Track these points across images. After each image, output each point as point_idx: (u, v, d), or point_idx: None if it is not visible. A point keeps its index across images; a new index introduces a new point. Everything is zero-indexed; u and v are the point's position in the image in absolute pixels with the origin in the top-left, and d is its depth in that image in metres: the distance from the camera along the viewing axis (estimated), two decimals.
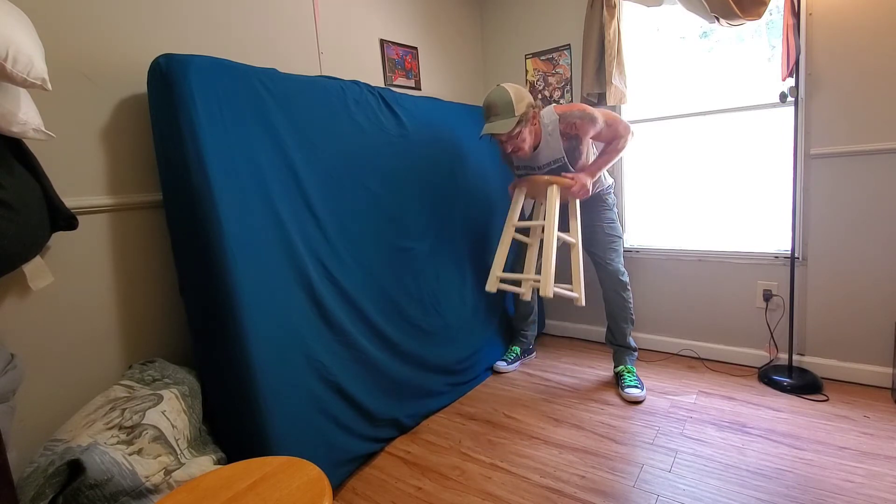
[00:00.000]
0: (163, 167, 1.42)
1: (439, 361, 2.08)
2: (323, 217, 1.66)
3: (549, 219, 1.90)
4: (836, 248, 2.05)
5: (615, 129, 1.97)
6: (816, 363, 2.14)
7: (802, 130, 2.04)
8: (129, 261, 1.46)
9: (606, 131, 1.97)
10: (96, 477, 1.03)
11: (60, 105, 1.30)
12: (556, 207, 1.91)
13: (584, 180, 1.95)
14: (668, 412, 1.93)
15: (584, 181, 1.94)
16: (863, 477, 1.48)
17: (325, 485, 0.92)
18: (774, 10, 2.10)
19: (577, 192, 1.96)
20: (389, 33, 2.38)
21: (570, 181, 1.93)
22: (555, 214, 1.90)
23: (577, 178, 1.94)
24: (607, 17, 2.31)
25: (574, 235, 2.05)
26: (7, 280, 1.19)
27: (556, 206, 1.90)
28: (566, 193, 1.99)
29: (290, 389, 1.46)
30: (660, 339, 2.57)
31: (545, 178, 1.96)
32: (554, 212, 1.90)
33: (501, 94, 1.84)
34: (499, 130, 1.83)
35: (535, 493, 1.51)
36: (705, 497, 1.44)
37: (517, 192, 2.08)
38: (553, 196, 1.92)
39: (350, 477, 1.64)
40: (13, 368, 1.10)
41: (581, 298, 2.00)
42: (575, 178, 1.94)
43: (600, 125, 1.95)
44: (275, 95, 1.56)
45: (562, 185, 1.94)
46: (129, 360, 1.45)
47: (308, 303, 1.57)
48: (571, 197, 2.02)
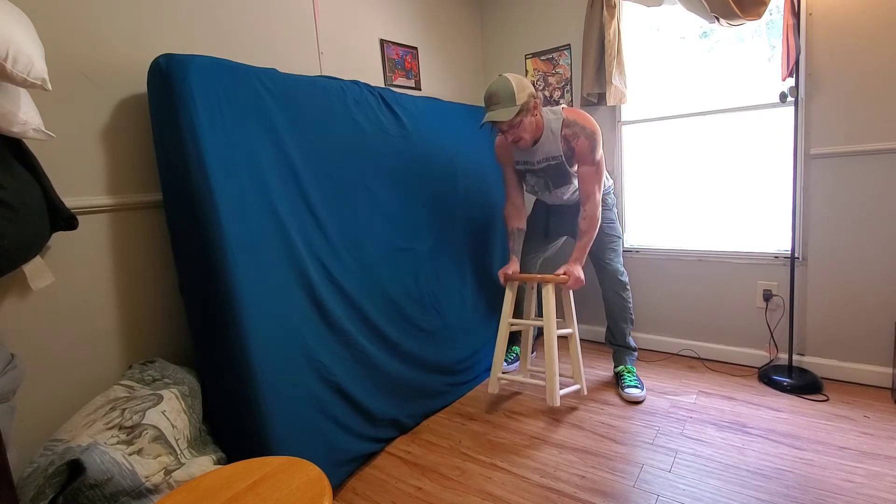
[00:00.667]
0: (163, 167, 1.42)
1: (439, 361, 2.08)
2: (323, 217, 1.66)
3: (548, 320, 1.90)
4: (836, 248, 2.05)
5: (599, 176, 1.94)
6: (816, 363, 2.14)
7: (802, 130, 2.04)
8: (129, 261, 1.46)
9: (591, 171, 1.92)
10: (96, 477, 1.03)
11: (60, 105, 1.30)
12: (553, 306, 1.91)
13: (577, 273, 1.93)
14: (668, 412, 1.93)
15: (577, 274, 1.93)
16: (863, 477, 1.48)
17: (325, 485, 0.92)
18: (774, 10, 2.10)
19: (573, 286, 1.96)
20: (389, 33, 2.38)
21: (563, 278, 1.93)
22: (552, 314, 1.90)
23: (569, 272, 1.93)
24: (607, 17, 2.31)
25: (570, 323, 2.05)
26: (7, 280, 1.20)
27: (552, 305, 1.91)
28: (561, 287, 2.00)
29: (290, 389, 1.46)
30: (660, 339, 2.57)
31: (538, 277, 1.98)
32: (551, 310, 1.90)
33: (503, 83, 1.84)
34: (500, 118, 1.82)
35: (535, 493, 1.51)
36: (705, 497, 1.44)
37: (509, 286, 2.08)
38: (549, 295, 1.92)
39: (350, 477, 1.64)
40: (13, 368, 1.10)
41: (583, 389, 2.03)
42: (567, 273, 1.93)
43: (596, 159, 1.91)
44: (275, 95, 1.56)
45: (556, 283, 1.94)
46: (129, 360, 1.45)
47: (308, 303, 1.57)
48: (566, 290, 2.03)
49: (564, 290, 2.03)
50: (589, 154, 1.90)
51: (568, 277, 1.93)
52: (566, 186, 2.05)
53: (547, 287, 1.93)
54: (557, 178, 2.02)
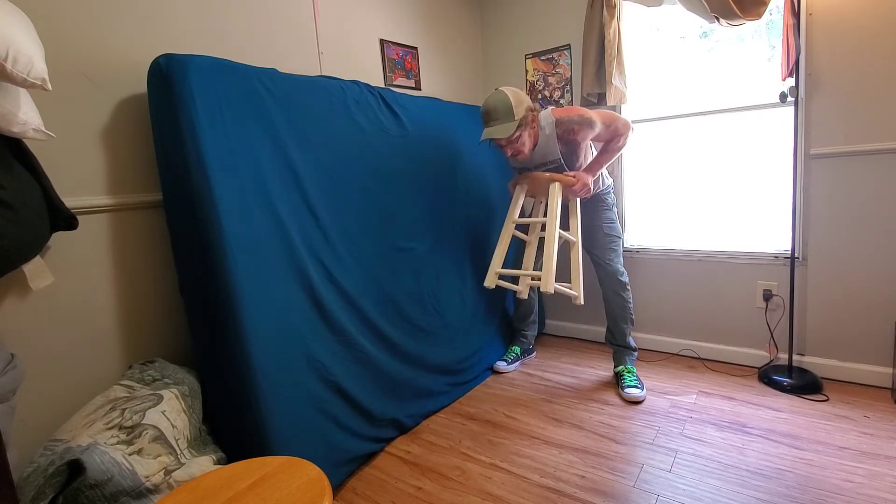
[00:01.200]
0: (163, 167, 1.42)
1: (439, 361, 2.08)
2: (323, 217, 1.66)
3: (551, 216, 1.90)
4: (836, 248, 2.05)
5: (614, 128, 1.97)
6: (816, 363, 2.14)
7: (802, 130, 2.04)
8: (129, 261, 1.46)
9: (605, 132, 1.97)
10: (96, 477, 1.03)
11: (60, 105, 1.30)
12: (558, 205, 1.91)
13: (586, 178, 1.95)
14: (668, 412, 1.93)
15: (586, 179, 1.95)
16: (863, 477, 1.48)
17: (325, 485, 0.92)
18: (774, 10, 2.10)
19: (579, 190, 1.96)
20: (389, 33, 2.38)
21: (572, 179, 1.94)
22: (556, 212, 1.90)
23: (578, 175, 1.95)
24: (607, 17, 2.31)
25: (574, 234, 2.05)
26: (7, 280, 1.19)
27: (558, 204, 1.91)
28: (568, 191, 1.99)
29: (290, 389, 1.46)
30: (660, 339, 2.57)
31: (547, 175, 1.96)
32: (556, 209, 1.90)
33: (500, 98, 1.84)
34: (499, 135, 1.83)
35: (535, 493, 1.51)
36: (705, 497, 1.44)
37: (518, 189, 2.08)
38: (555, 193, 1.92)
39: (350, 477, 1.64)
40: (13, 368, 1.10)
41: (580, 297, 2.00)
42: (577, 176, 1.94)
43: (598, 128, 1.95)
44: (275, 95, 1.56)
45: (564, 183, 1.94)
46: (129, 360, 1.45)
47: (308, 303, 1.57)
48: (573, 195, 2.02)
49: (571, 198, 2.03)
50: (591, 130, 1.94)
51: (577, 180, 1.94)
52: None
53: (554, 186, 1.93)
54: None
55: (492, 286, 2.06)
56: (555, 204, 1.90)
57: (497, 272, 2.04)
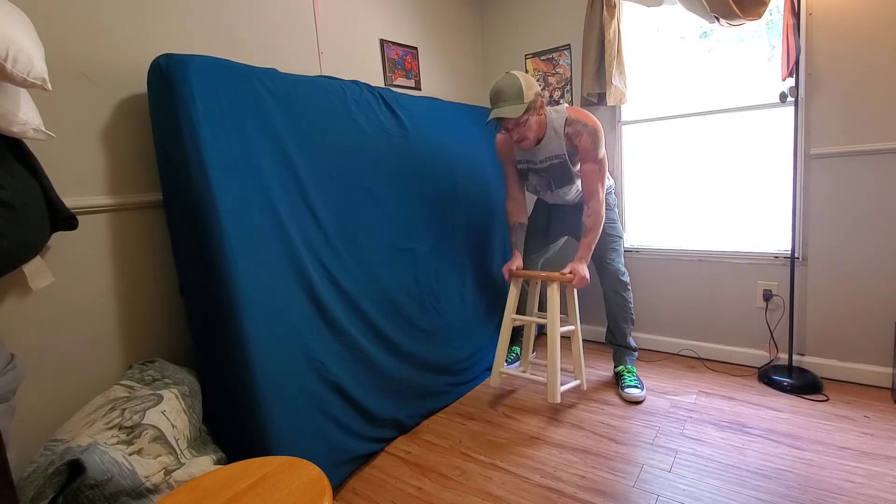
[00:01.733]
0: (163, 167, 1.42)
1: (439, 361, 2.08)
2: (323, 217, 1.66)
3: (552, 318, 1.90)
4: (836, 248, 2.05)
5: (602, 174, 1.94)
6: (816, 363, 2.14)
7: (802, 130, 2.04)
8: (129, 261, 1.46)
9: (594, 168, 1.92)
10: (96, 477, 1.03)
11: (60, 105, 1.30)
12: (558, 305, 1.92)
13: (582, 272, 1.93)
14: (668, 412, 1.93)
15: (583, 273, 1.93)
16: (863, 477, 1.48)
17: (325, 485, 0.92)
18: (774, 10, 2.10)
19: (578, 285, 1.95)
20: (389, 33, 2.38)
21: (569, 277, 1.92)
22: (557, 313, 1.91)
23: (574, 271, 1.93)
24: (607, 17, 2.31)
25: (573, 321, 2.05)
26: (7, 280, 1.19)
27: (557, 305, 1.92)
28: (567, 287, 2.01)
29: (290, 389, 1.46)
30: (660, 339, 2.57)
31: (543, 274, 1.98)
32: (555, 309, 1.91)
33: (511, 80, 1.83)
34: (507, 115, 1.81)
35: (535, 493, 1.51)
36: (705, 497, 1.44)
37: (513, 283, 2.09)
38: (554, 294, 1.92)
39: (350, 477, 1.64)
40: (13, 368, 1.10)
41: (583, 384, 2.05)
42: (573, 272, 1.93)
43: (599, 157, 1.91)
44: (275, 95, 1.56)
45: (562, 281, 1.94)
46: (129, 360, 1.45)
47: (308, 303, 1.57)
48: (571, 289, 2.03)
49: (569, 288, 2.03)
50: (592, 151, 1.90)
51: (574, 276, 1.93)
52: (568, 186, 2.04)
53: (552, 286, 1.93)
54: (560, 178, 2.02)
55: (498, 385, 2.13)
56: (554, 304, 1.91)
57: (501, 371, 2.06)
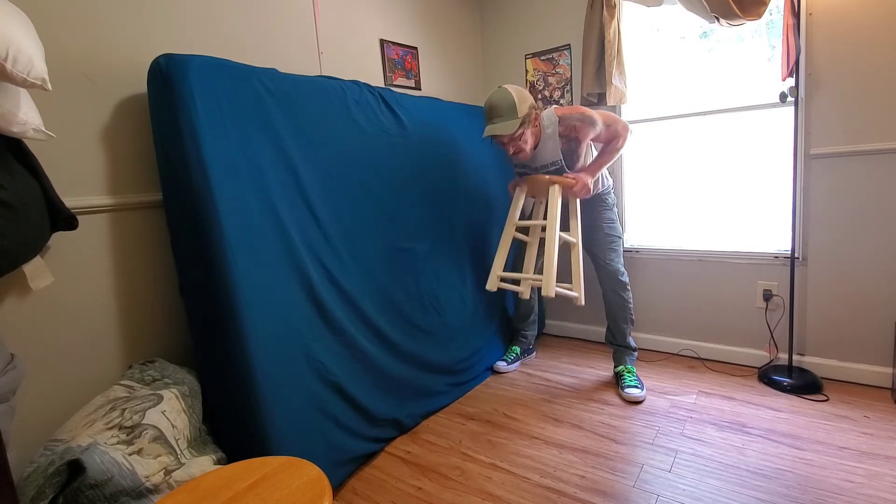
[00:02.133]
0: (163, 167, 1.42)
1: (439, 361, 2.08)
2: (323, 217, 1.66)
3: (551, 218, 1.90)
4: (836, 248, 2.05)
5: (614, 129, 1.98)
6: (816, 363, 2.14)
7: (802, 130, 2.04)
8: (129, 261, 1.46)
9: (605, 132, 1.98)
10: (96, 477, 1.03)
11: (60, 105, 1.30)
12: (559, 207, 1.91)
13: (586, 179, 1.95)
14: (668, 412, 1.93)
15: (586, 180, 1.95)
16: (863, 477, 1.48)
17: (325, 485, 0.92)
18: (774, 10, 2.10)
19: (579, 192, 1.96)
20: (389, 33, 2.38)
21: (571, 181, 1.94)
22: (557, 214, 1.90)
23: (578, 177, 1.95)
24: (607, 17, 2.31)
25: (574, 235, 2.05)
26: (7, 280, 1.19)
27: (558, 206, 1.91)
28: (568, 193, 2.00)
29: (290, 389, 1.46)
30: (660, 339, 2.57)
31: (546, 177, 1.96)
32: (556, 211, 1.90)
33: (504, 95, 1.84)
34: (502, 132, 1.83)
35: (535, 493, 1.51)
36: (705, 497, 1.44)
37: (518, 191, 2.08)
38: (555, 196, 1.92)
39: (350, 477, 1.64)
40: (13, 368, 1.10)
41: (581, 298, 2.01)
42: (577, 178, 1.95)
43: (599, 127, 1.95)
44: (275, 95, 1.56)
45: (563, 185, 1.94)
46: (129, 360, 1.45)
47: (308, 303, 1.57)
48: (573, 196, 2.02)
49: (571, 198, 2.03)
50: (592, 129, 1.95)
51: (576, 181, 1.94)
52: None
53: (554, 188, 1.93)
54: None
55: (494, 289, 2.06)
56: (555, 206, 1.91)
57: (499, 275, 2.04)
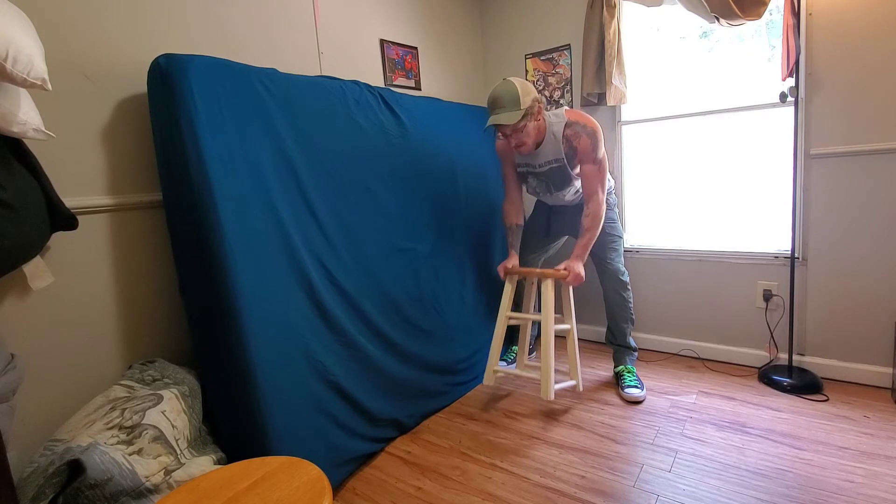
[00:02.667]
0: (163, 167, 1.42)
1: (439, 361, 2.08)
2: (323, 217, 1.66)
3: (546, 317, 1.90)
4: (836, 248, 2.05)
5: (601, 176, 1.93)
6: (816, 363, 2.14)
7: (802, 130, 2.04)
8: (129, 261, 1.46)
9: (593, 169, 1.92)
10: (96, 477, 1.03)
11: (60, 105, 1.30)
12: (552, 302, 1.92)
13: (578, 270, 1.93)
14: (668, 412, 1.93)
15: (578, 271, 1.93)
16: (863, 477, 1.48)
17: (325, 485, 0.92)
18: (774, 10, 2.10)
19: (572, 282, 1.95)
20: (389, 33, 2.38)
21: (563, 273, 1.93)
22: (551, 310, 1.91)
23: (569, 268, 1.93)
24: (607, 17, 2.31)
25: (568, 320, 2.06)
26: (7, 280, 1.19)
27: (551, 301, 1.92)
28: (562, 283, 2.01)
29: (290, 389, 1.46)
30: (660, 339, 2.57)
31: (538, 271, 1.99)
32: (550, 306, 1.91)
33: (508, 87, 1.84)
34: (505, 122, 1.82)
35: (535, 493, 1.51)
36: (705, 497, 1.44)
37: (508, 280, 2.09)
38: (548, 290, 1.92)
39: (350, 477, 1.64)
40: (13, 368, 1.10)
41: (579, 385, 2.04)
42: (568, 269, 1.93)
43: (598, 157, 1.91)
44: (275, 95, 1.56)
45: (556, 278, 1.94)
46: (129, 360, 1.45)
47: (308, 303, 1.57)
48: (565, 286, 2.03)
49: (564, 286, 2.03)
50: (591, 152, 1.90)
51: (568, 273, 1.93)
52: (567, 189, 2.05)
53: (546, 282, 1.93)
54: (559, 181, 2.02)
55: (491, 384, 2.09)
56: (549, 301, 1.92)
57: (495, 370, 2.05)
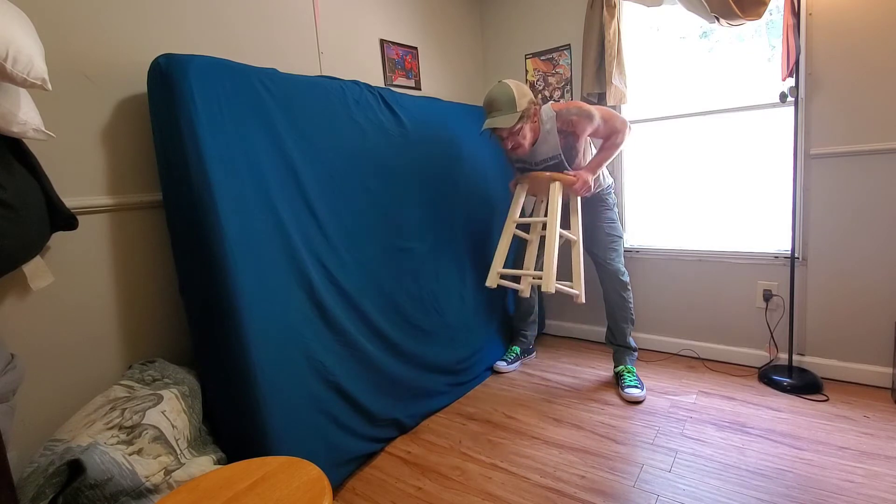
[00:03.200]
0: (163, 167, 1.42)
1: (439, 361, 2.08)
2: (323, 217, 1.66)
3: (552, 215, 1.90)
4: (836, 248, 2.05)
5: (612, 125, 1.97)
6: (816, 363, 2.14)
7: (802, 130, 2.04)
8: (129, 261, 1.46)
9: (604, 127, 1.97)
10: (96, 477, 1.03)
11: (60, 105, 1.30)
12: (559, 204, 1.91)
13: (586, 177, 1.95)
14: (668, 412, 1.93)
15: (586, 177, 1.95)
16: (863, 477, 1.48)
17: (325, 485, 0.92)
18: (774, 10, 2.10)
19: (580, 189, 1.96)
20: (389, 33, 2.38)
21: (572, 178, 1.94)
22: (557, 211, 1.90)
23: (579, 174, 1.95)
24: (607, 17, 2.31)
25: (575, 233, 2.05)
26: (7, 280, 1.19)
27: (558, 203, 1.91)
28: (568, 190, 2.00)
29: (290, 389, 1.46)
30: (660, 339, 2.57)
31: (547, 174, 1.96)
32: (556, 208, 1.90)
33: (503, 89, 1.84)
34: (501, 125, 1.83)
35: (535, 493, 1.51)
36: (705, 497, 1.44)
37: (518, 188, 2.09)
38: (555, 193, 1.92)
39: (350, 477, 1.64)
40: (13, 368, 1.10)
41: (581, 296, 2.01)
42: (577, 175, 1.95)
43: (597, 122, 1.95)
44: (275, 95, 1.56)
45: (564, 182, 1.94)
46: (129, 360, 1.45)
47: (308, 303, 1.57)
48: (573, 194, 2.02)
49: (572, 193, 2.03)
50: (589, 122, 1.94)
51: (577, 179, 1.94)
52: None
53: (555, 185, 1.93)
54: None
55: (494, 286, 2.06)
56: (555, 203, 1.91)
57: (499, 272, 2.04)
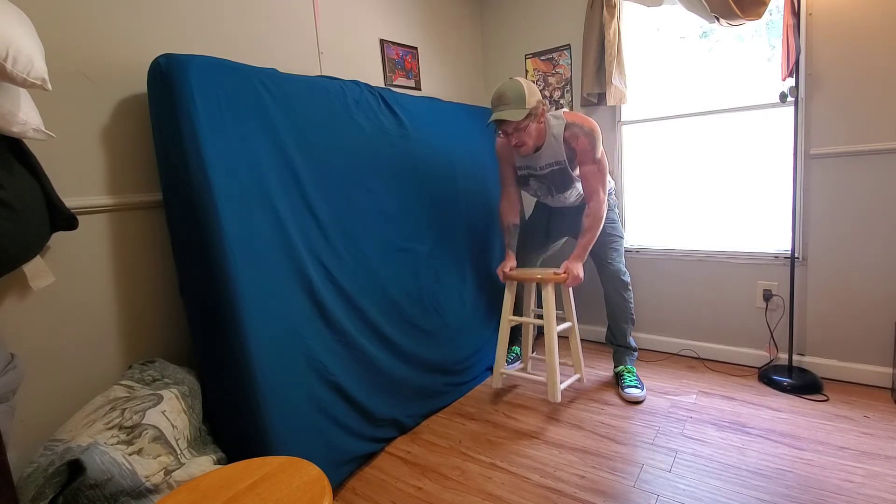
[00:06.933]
0: (163, 167, 1.42)
1: (439, 361, 2.08)
2: (323, 217, 1.66)
3: (548, 320, 1.92)
4: (836, 248, 2.05)
5: (601, 176, 1.93)
6: (816, 363, 2.14)
7: (802, 130, 2.04)
8: (129, 261, 1.46)
9: (593, 169, 1.92)
10: (96, 477, 1.03)
11: (60, 105, 1.30)
12: (553, 306, 1.94)
13: (577, 271, 1.94)
14: (668, 412, 1.93)
15: (577, 272, 1.94)
16: (863, 477, 1.48)
17: (324, 485, 0.92)
18: (774, 10, 2.10)
19: (572, 284, 1.97)
20: (389, 33, 2.38)
21: (562, 276, 1.93)
22: (552, 314, 1.93)
23: (568, 270, 1.94)
24: (607, 17, 2.31)
25: (569, 316, 2.09)
26: (7, 280, 1.20)
27: (552, 305, 1.93)
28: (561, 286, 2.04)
29: (290, 389, 1.46)
30: (660, 339, 2.57)
31: (537, 276, 1.98)
32: (552, 311, 1.92)
33: (514, 85, 1.84)
34: (508, 118, 1.81)
35: (535, 493, 1.51)
36: (705, 497, 1.44)
37: (507, 285, 2.10)
38: (549, 295, 1.93)
39: (350, 477, 1.64)
40: (13, 368, 1.10)
41: (583, 377, 2.13)
42: (567, 271, 1.94)
43: (597, 156, 1.91)
44: (275, 95, 1.56)
45: (555, 282, 1.95)
46: (129, 360, 1.45)
47: (308, 303, 1.57)
48: (566, 288, 2.06)
49: (564, 287, 2.04)
50: (590, 151, 1.91)
51: (567, 276, 1.94)
52: (568, 191, 2.05)
53: (546, 286, 1.93)
54: (560, 183, 2.02)
55: (499, 385, 2.16)
56: (550, 305, 1.93)
57: (502, 373, 2.10)
